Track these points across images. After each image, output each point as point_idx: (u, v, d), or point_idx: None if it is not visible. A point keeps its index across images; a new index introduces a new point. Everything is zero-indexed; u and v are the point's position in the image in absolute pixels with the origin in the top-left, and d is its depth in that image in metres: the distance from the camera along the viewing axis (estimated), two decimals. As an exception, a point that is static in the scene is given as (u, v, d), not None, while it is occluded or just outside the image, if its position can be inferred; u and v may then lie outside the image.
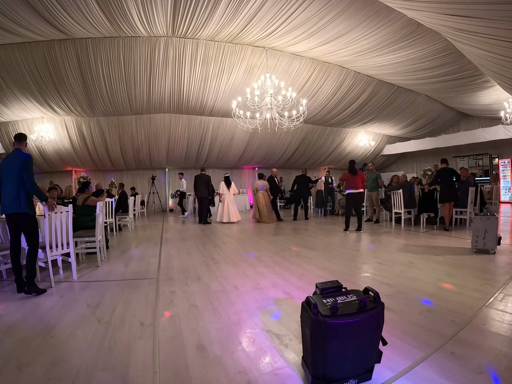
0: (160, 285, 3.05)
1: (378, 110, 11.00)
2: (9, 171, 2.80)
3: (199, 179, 8.06)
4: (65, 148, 10.43)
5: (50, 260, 3.06)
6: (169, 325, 2.15)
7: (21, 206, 2.79)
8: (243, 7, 5.60)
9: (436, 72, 7.88)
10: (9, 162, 2.84)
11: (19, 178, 2.79)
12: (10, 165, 2.82)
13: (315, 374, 1.42)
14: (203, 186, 8.02)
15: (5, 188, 2.82)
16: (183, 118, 10.05)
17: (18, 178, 2.79)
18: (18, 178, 2.79)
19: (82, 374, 1.59)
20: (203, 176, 8.11)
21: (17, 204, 2.78)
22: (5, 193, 2.82)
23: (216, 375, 1.56)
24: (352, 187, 6.05)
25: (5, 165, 2.85)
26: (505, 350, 1.69)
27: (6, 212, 2.81)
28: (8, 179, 2.80)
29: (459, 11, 3.88)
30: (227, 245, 5.10)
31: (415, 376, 1.50)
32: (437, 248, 4.37)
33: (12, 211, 2.78)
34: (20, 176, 2.79)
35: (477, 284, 2.77)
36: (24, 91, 7.81)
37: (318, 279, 2.93)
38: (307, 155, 13.47)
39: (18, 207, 2.78)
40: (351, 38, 6.68)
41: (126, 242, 5.73)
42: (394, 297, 2.53)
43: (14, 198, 2.76)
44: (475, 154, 12.33)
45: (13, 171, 2.79)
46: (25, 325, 2.20)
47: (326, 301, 1.47)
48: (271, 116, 6.81)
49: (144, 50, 7.11)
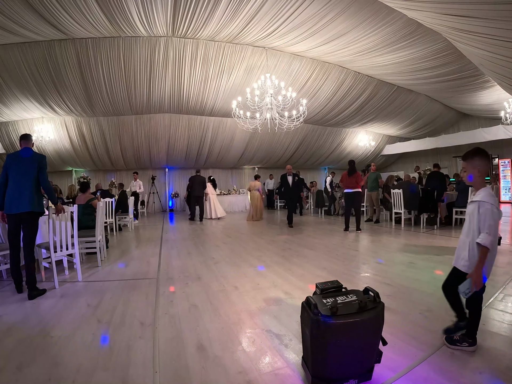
0: (160, 285, 3.05)
1: (378, 110, 11.00)
2: (23, 169, 2.74)
3: (195, 180, 8.66)
4: (65, 148, 10.42)
5: (55, 260, 3.04)
6: (169, 325, 2.15)
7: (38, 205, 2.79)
8: (243, 7, 5.60)
9: (436, 72, 7.87)
10: (23, 161, 2.77)
11: (34, 177, 2.77)
12: (25, 163, 2.76)
13: (315, 374, 1.42)
14: (199, 186, 8.64)
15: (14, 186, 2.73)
16: (183, 118, 10.04)
17: (33, 177, 2.76)
18: (34, 177, 2.76)
19: (82, 374, 1.59)
20: (199, 177, 8.72)
21: (35, 203, 2.75)
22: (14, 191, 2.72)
23: (216, 375, 1.56)
24: (348, 187, 6.12)
25: (17, 163, 2.77)
26: (505, 350, 1.69)
27: (19, 211, 2.70)
28: (21, 178, 2.73)
29: (459, 11, 3.88)
30: (227, 245, 5.10)
31: (415, 376, 1.50)
32: (437, 248, 4.37)
33: (25, 210, 2.70)
34: (35, 175, 2.77)
35: (477, 284, 2.77)
36: (24, 91, 7.80)
37: (318, 279, 2.93)
38: (307, 155, 13.47)
39: (33, 206, 2.74)
40: (351, 38, 6.68)
41: (126, 242, 5.73)
42: (394, 297, 2.53)
43: (31, 196, 2.73)
44: (475, 154, 12.31)
45: (29, 170, 2.75)
46: (25, 325, 2.20)
47: (326, 301, 1.47)
48: (271, 116, 6.81)
49: (144, 50, 7.10)
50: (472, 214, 1.64)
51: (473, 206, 1.64)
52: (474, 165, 1.68)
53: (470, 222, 1.66)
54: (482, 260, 1.53)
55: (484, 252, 1.53)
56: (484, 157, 1.69)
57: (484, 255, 1.53)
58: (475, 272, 1.53)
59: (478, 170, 1.67)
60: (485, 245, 1.51)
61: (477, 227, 1.59)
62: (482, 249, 1.54)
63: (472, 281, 1.52)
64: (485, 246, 1.51)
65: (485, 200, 1.58)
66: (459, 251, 1.72)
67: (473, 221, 1.63)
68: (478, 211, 1.58)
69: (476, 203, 1.62)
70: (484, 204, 1.57)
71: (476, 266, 1.54)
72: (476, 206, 1.61)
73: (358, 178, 6.10)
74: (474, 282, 1.52)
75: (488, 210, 1.55)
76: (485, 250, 1.53)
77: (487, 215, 1.55)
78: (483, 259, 1.54)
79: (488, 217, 1.54)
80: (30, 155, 2.81)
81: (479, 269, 1.52)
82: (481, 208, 1.57)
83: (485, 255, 1.53)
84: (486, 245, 1.51)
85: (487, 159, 1.70)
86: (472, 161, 1.69)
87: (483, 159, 1.68)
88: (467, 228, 1.68)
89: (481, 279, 1.52)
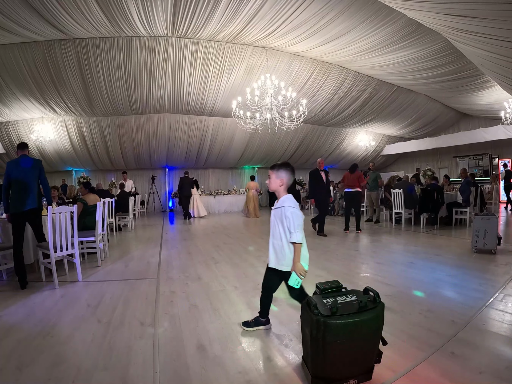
0: (160, 285, 3.05)
1: (378, 110, 11.00)
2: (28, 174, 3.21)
3: (185, 181, 9.43)
4: (65, 148, 10.43)
5: (54, 261, 3.05)
6: (169, 325, 2.15)
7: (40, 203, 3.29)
8: (243, 7, 5.60)
9: (436, 72, 7.87)
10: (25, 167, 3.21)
11: (37, 180, 3.29)
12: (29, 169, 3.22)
13: (315, 374, 1.42)
14: (190, 186, 9.47)
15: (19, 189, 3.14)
16: (183, 118, 10.04)
17: (36, 180, 3.28)
18: (37, 180, 3.29)
19: (82, 374, 1.59)
20: (188, 179, 9.53)
21: (38, 201, 3.26)
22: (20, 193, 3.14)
23: (216, 375, 1.56)
24: (349, 186, 6.12)
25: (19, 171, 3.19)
26: (505, 350, 1.69)
27: (29, 208, 3.13)
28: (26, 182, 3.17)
29: (459, 11, 3.88)
30: (227, 245, 5.09)
31: (415, 376, 1.50)
32: (437, 248, 4.37)
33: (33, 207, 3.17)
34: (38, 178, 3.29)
35: (477, 284, 2.77)
36: (24, 91, 7.81)
37: (318, 279, 2.93)
38: (307, 155, 13.46)
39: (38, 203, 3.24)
40: (351, 38, 6.68)
41: (126, 242, 5.73)
42: (394, 297, 2.53)
43: (36, 195, 3.23)
44: (475, 154, 12.31)
45: (33, 174, 3.25)
46: (25, 325, 2.20)
47: (326, 301, 1.47)
48: (271, 116, 6.80)
49: (144, 50, 7.10)
50: (280, 219, 1.83)
51: (279, 211, 1.83)
52: (278, 176, 1.89)
53: (278, 226, 1.84)
54: (298, 254, 1.76)
55: (298, 247, 1.76)
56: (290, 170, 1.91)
57: (298, 250, 1.76)
58: (295, 266, 1.76)
59: (281, 180, 1.88)
60: (298, 242, 1.74)
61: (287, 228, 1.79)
62: (296, 246, 1.76)
63: (297, 273, 1.74)
64: (298, 242, 1.74)
65: (289, 205, 1.80)
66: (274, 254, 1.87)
67: (280, 225, 1.83)
68: (285, 215, 1.78)
69: (281, 209, 1.82)
70: (289, 208, 1.78)
71: (294, 260, 1.77)
72: (282, 211, 1.81)
73: (360, 178, 6.09)
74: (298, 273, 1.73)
75: (293, 212, 1.77)
76: (298, 245, 1.76)
77: (293, 216, 1.76)
78: (299, 253, 1.77)
79: (295, 218, 1.76)
80: (31, 165, 3.25)
81: (297, 262, 1.75)
82: (287, 212, 1.78)
83: (298, 249, 1.76)
84: (299, 241, 1.74)
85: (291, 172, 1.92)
86: (278, 172, 1.90)
87: (288, 172, 1.90)
88: (278, 232, 1.85)
89: (302, 269, 1.74)
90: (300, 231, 1.76)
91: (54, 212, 3.08)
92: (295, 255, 1.77)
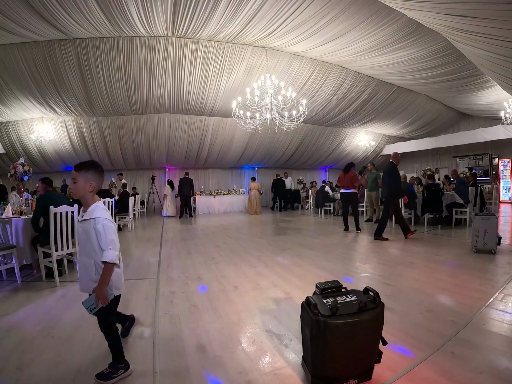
0: (160, 285, 3.05)
1: (378, 110, 10.99)
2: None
3: (184, 181, 9.81)
4: (65, 148, 10.43)
5: (55, 260, 3.06)
6: (169, 325, 2.15)
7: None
8: (243, 7, 5.60)
9: (436, 72, 7.87)
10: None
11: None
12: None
13: (315, 374, 1.42)
14: (188, 187, 9.84)
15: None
16: (183, 118, 10.04)
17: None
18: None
19: (82, 374, 1.60)
20: (187, 180, 9.89)
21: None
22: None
23: (216, 375, 1.56)
24: (344, 187, 6.14)
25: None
26: (505, 350, 1.69)
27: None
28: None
29: (459, 11, 3.88)
30: (227, 245, 5.10)
31: (415, 376, 1.50)
32: (437, 248, 4.37)
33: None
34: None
35: (477, 284, 2.77)
36: (24, 91, 7.80)
37: (318, 279, 2.93)
38: (307, 155, 13.46)
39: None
40: (351, 38, 6.68)
41: (126, 242, 5.73)
42: (394, 297, 2.53)
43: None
44: (475, 154, 12.31)
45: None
46: (25, 325, 2.20)
47: (326, 301, 1.47)
48: (271, 116, 6.80)
49: (144, 50, 7.10)
50: (89, 232, 1.52)
51: (88, 224, 1.52)
52: (88, 179, 1.54)
53: (87, 241, 1.53)
54: (107, 275, 1.48)
55: (110, 268, 1.49)
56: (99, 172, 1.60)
57: (109, 271, 1.49)
58: (99, 288, 1.45)
59: (90, 185, 1.54)
60: (112, 261, 1.47)
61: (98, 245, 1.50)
62: (108, 266, 1.48)
63: (96, 297, 1.45)
64: (112, 262, 1.47)
65: (100, 216, 1.50)
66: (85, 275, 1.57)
67: (90, 239, 1.52)
68: (95, 228, 1.49)
69: (91, 221, 1.51)
70: (100, 220, 1.49)
71: (100, 282, 1.47)
72: (91, 224, 1.51)
73: (353, 178, 6.04)
74: (98, 298, 1.44)
75: (106, 225, 1.49)
76: (111, 266, 1.49)
77: (107, 230, 1.49)
78: (109, 275, 1.49)
79: (108, 232, 1.49)
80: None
81: (103, 285, 1.46)
82: (98, 225, 1.49)
83: (110, 270, 1.49)
84: (113, 261, 1.47)
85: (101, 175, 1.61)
86: (87, 174, 1.55)
87: (98, 174, 1.59)
88: (87, 248, 1.54)
89: (105, 295, 1.45)
90: (114, 248, 1.49)
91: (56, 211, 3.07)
92: (104, 275, 1.48)
